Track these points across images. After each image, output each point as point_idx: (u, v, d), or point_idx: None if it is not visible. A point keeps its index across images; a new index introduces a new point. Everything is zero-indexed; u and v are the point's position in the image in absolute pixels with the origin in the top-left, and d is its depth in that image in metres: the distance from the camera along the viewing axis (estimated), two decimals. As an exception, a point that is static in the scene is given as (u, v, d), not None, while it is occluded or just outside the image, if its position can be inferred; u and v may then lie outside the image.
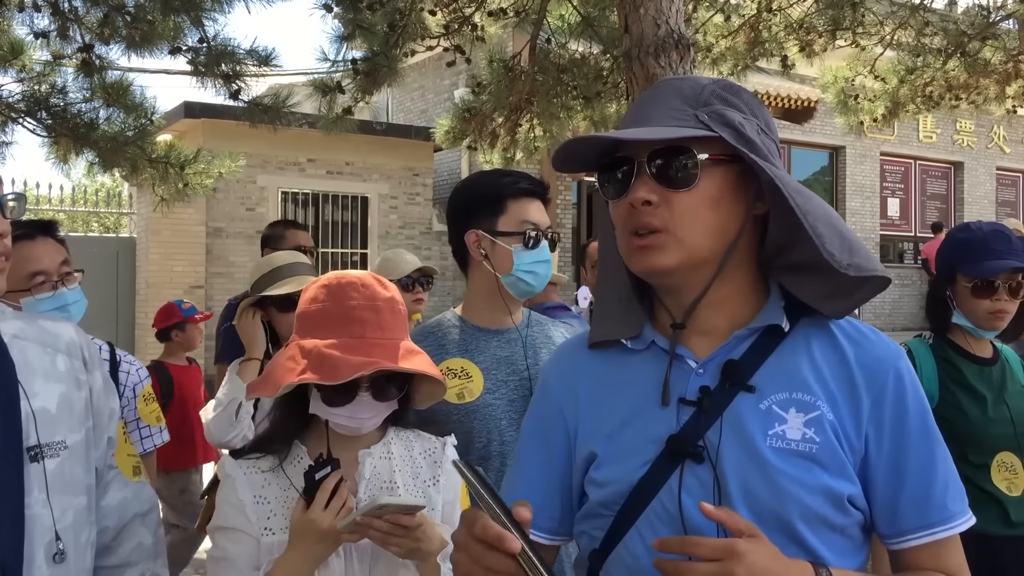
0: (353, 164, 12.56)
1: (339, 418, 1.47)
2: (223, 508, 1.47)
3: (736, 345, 1.15)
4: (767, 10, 7.17)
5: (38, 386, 1.31)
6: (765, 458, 1.08)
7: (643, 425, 1.15)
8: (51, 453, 1.30)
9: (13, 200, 1.28)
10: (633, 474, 1.13)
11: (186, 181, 5.76)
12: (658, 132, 1.10)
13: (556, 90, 5.99)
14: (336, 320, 1.46)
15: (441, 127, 6.52)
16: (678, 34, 3.45)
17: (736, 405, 1.12)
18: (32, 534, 1.25)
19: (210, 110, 10.53)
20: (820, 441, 1.08)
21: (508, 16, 5.95)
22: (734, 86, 1.18)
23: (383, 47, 5.25)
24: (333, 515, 1.39)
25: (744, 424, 1.10)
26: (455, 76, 12.96)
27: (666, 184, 1.11)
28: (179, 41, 4.51)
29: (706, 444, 1.10)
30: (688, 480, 1.10)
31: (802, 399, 1.11)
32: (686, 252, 1.11)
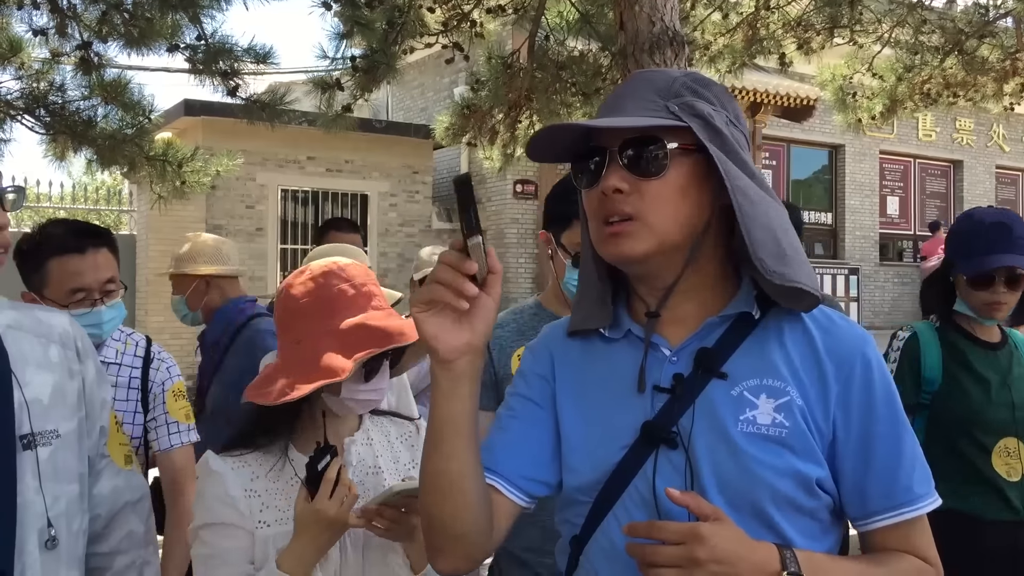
0: (353, 162, 12.58)
1: (364, 394, 1.50)
2: (211, 504, 1.47)
3: (708, 333, 1.18)
4: (765, 8, 7.18)
5: (31, 375, 1.33)
6: (736, 443, 1.11)
7: (619, 412, 1.18)
8: (43, 442, 1.31)
9: (12, 193, 1.30)
10: (610, 459, 1.16)
11: (183, 179, 5.78)
12: (629, 121, 1.13)
13: (555, 87, 6.00)
14: (353, 299, 1.50)
15: (441, 124, 6.54)
16: (673, 31, 3.47)
17: (709, 392, 1.14)
18: (24, 521, 1.27)
19: (210, 108, 10.55)
20: (789, 426, 1.11)
21: (507, 13, 5.97)
22: (704, 79, 1.21)
23: (382, 44, 5.27)
24: (339, 503, 1.40)
25: (716, 410, 1.13)
26: (454, 74, 12.97)
27: (637, 173, 1.13)
28: (177, 39, 4.53)
29: (679, 430, 1.13)
30: (662, 465, 1.13)
31: (772, 385, 1.13)
32: (656, 239, 1.13)
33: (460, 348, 1.05)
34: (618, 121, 1.14)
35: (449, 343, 1.05)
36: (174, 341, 11.17)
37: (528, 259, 13.86)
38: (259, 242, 12.07)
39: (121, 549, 1.53)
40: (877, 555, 1.16)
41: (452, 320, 1.05)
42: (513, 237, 13.80)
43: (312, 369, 1.44)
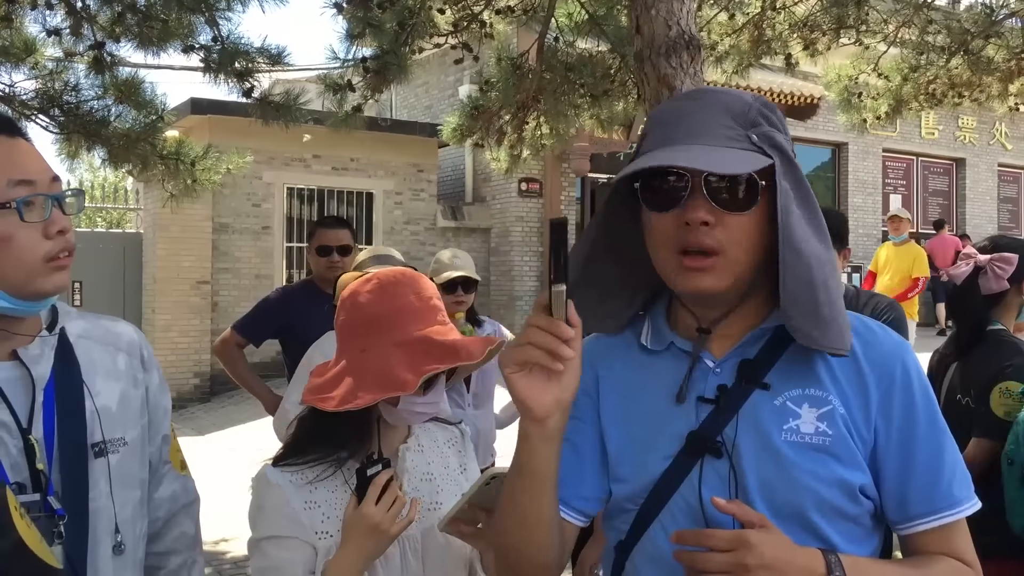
0: (358, 160, 12.61)
1: (421, 406, 1.51)
2: (272, 518, 1.46)
3: (751, 345, 1.20)
4: (771, 8, 7.20)
5: (100, 384, 1.38)
6: (781, 452, 1.13)
7: (663, 422, 1.20)
8: (113, 449, 1.37)
9: (71, 196, 1.33)
10: (655, 468, 1.19)
11: (195, 178, 5.81)
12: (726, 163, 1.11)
13: (563, 88, 6.01)
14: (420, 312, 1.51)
15: (448, 124, 6.54)
16: (689, 35, 3.49)
17: (752, 402, 1.17)
18: (96, 527, 1.32)
19: (217, 106, 10.58)
20: (832, 434, 1.13)
21: (516, 14, 5.98)
22: (771, 104, 1.21)
23: (393, 45, 5.29)
24: (385, 510, 1.41)
25: (760, 420, 1.16)
26: (459, 72, 12.99)
27: (723, 205, 1.12)
28: (192, 39, 4.55)
29: (724, 440, 1.16)
30: (707, 474, 1.16)
31: (814, 395, 1.16)
32: (735, 274, 1.15)
33: (552, 406, 1.07)
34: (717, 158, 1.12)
35: (542, 402, 1.07)
36: (181, 339, 11.21)
37: (533, 257, 13.88)
38: (265, 240, 12.10)
39: (175, 549, 1.57)
40: (918, 558, 1.18)
41: (543, 379, 1.07)
42: (518, 235, 13.83)
43: (377, 379, 1.44)
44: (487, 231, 14.19)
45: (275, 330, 3.92)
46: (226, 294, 11.68)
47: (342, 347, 1.55)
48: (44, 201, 1.27)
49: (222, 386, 11.48)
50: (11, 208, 1.24)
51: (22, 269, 1.26)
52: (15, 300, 1.27)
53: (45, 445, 1.29)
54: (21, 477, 1.26)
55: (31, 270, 1.26)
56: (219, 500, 4.81)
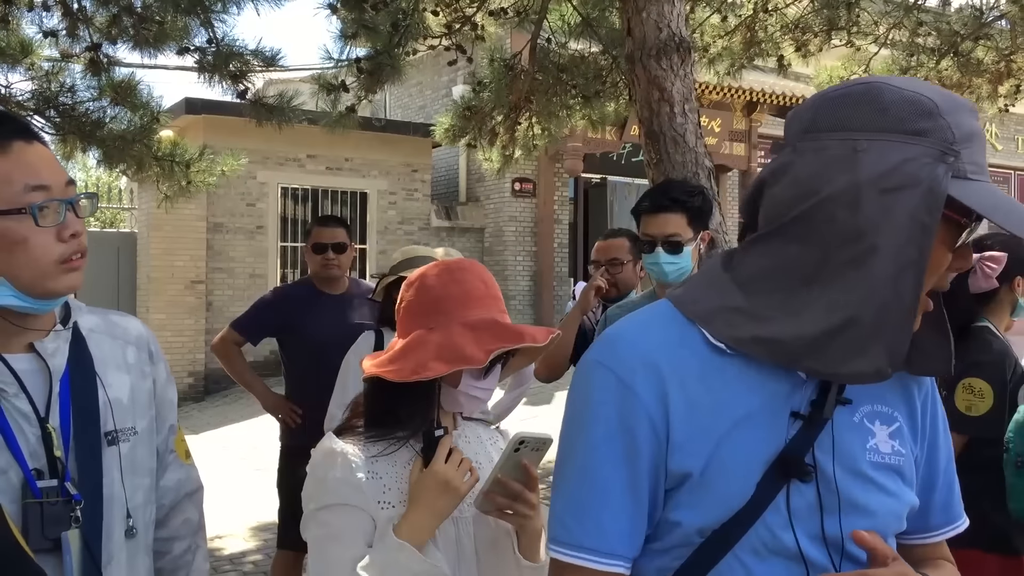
0: (352, 160, 12.65)
1: (477, 391, 1.54)
2: (334, 486, 1.46)
3: None
4: (763, 10, 7.26)
5: (112, 377, 1.44)
6: (868, 474, 1.04)
7: (749, 440, 1.03)
8: (124, 438, 1.43)
9: (85, 199, 1.38)
10: (740, 495, 1.02)
11: (190, 179, 5.85)
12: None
13: (555, 89, 6.07)
14: (485, 298, 1.55)
15: (441, 125, 6.60)
16: (679, 37, 3.55)
17: (838, 419, 1.05)
18: (110, 511, 1.39)
19: (211, 106, 10.62)
20: (904, 453, 1.07)
21: (508, 16, 6.04)
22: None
23: (386, 46, 5.34)
24: (455, 467, 1.43)
25: (844, 439, 1.05)
26: (453, 72, 13.03)
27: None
28: (187, 41, 4.60)
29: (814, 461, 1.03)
30: (795, 502, 1.02)
31: (882, 411, 1.08)
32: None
33: None
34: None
35: None
36: (175, 339, 11.24)
37: (526, 257, 13.95)
38: (259, 240, 12.14)
39: (179, 535, 1.62)
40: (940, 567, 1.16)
41: None
42: (511, 235, 13.89)
43: (447, 353, 1.47)
44: (481, 231, 14.24)
45: (273, 329, 3.97)
46: (220, 293, 11.71)
47: (406, 327, 1.58)
48: (59, 206, 1.32)
49: (216, 385, 11.52)
50: (26, 213, 1.28)
51: (37, 270, 1.30)
52: (30, 299, 1.32)
53: (61, 434, 1.34)
54: (39, 464, 1.31)
55: (45, 271, 1.31)
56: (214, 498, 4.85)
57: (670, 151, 3.51)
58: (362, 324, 3.92)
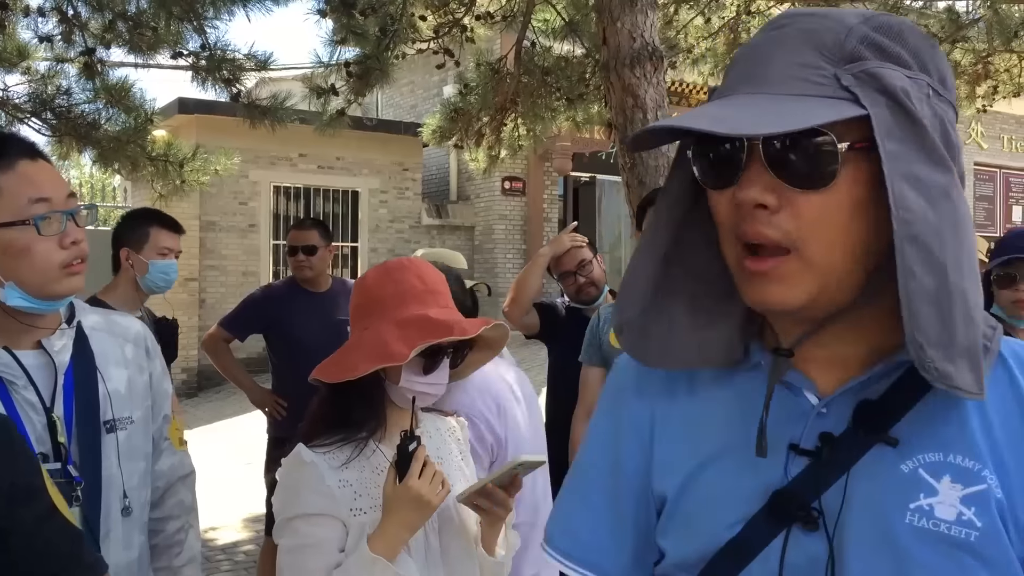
0: (344, 159, 12.78)
1: (422, 386, 1.57)
2: (307, 496, 1.49)
3: (876, 380, 0.84)
4: (746, 12, 7.42)
5: (111, 371, 1.61)
6: (900, 541, 0.79)
7: (737, 469, 0.88)
8: (121, 426, 1.60)
9: (85, 210, 1.54)
10: (721, 534, 0.87)
11: (183, 178, 5.99)
12: (774, 120, 0.75)
13: (540, 91, 6.22)
14: (422, 294, 1.58)
15: (429, 127, 6.74)
16: (652, 47, 3.70)
17: (869, 462, 0.82)
18: (109, 492, 1.56)
19: (204, 106, 10.73)
20: (982, 526, 0.78)
21: (495, 20, 6.18)
22: (895, 26, 0.80)
23: (375, 50, 5.48)
24: (427, 483, 1.45)
25: (878, 489, 0.81)
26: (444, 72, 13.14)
27: (789, 180, 0.77)
28: (181, 46, 4.73)
29: (822, 508, 0.82)
30: (793, 553, 0.83)
31: (962, 465, 0.80)
32: (818, 281, 0.79)
33: None
34: (758, 116, 0.76)
35: None
36: (168, 335, 11.34)
37: (516, 254, 14.09)
38: (252, 238, 12.27)
39: (173, 515, 1.79)
40: None
41: None
42: (501, 233, 14.03)
43: (374, 351, 1.50)
44: (471, 229, 14.39)
45: (260, 326, 4.12)
46: (213, 291, 11.84)
47: (351, 328, 1.63)
48: (60, 216, 1.48)
49: (208, 381, 11.64)
50: (30, 224, 1.44)
51: (40, 275, 1.47)
52: (35, 300, 1.48)
53: (65, 422, 1.51)
54: (45, 448, 1.48)
55: (48, 276, 1.47)
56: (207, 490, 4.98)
57: (643, 156, 3.67)
58: (345, 321, 4.07)
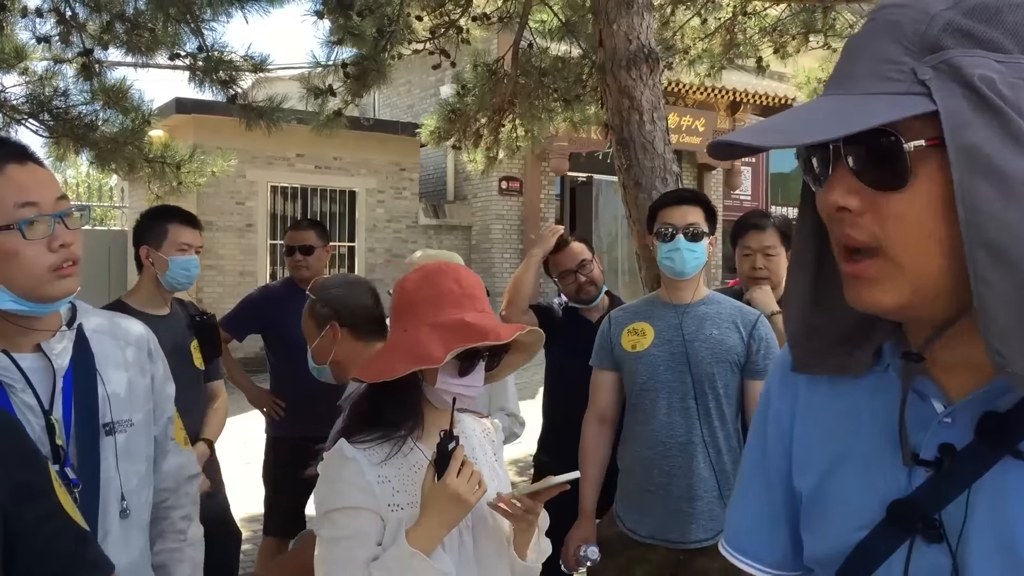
0: (341, 159, 12.79)
1: (458, 388, 1.62)
2: (345, 489, 1.54)
3: (1007, 389, 0.78)
4: (742, 13, 7.44)
5: (111, 373, 1.62)
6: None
7: (865, 473, 0.88)
8: (121, 429, 1.61)
9: (76, 212, 1.54)
10: (848, 536, 0.87)
11: (181, 180, 6.00)
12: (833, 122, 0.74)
13: (538, 92, 6.23)
14: (459, 298, 1.62)
15: (427, 127, 6.75)
16: (648, 48, 3.72)
17: (998, 475, 0.79)
18: (107, 494, 1.57)
19: (201, 106, 10.74)
20: None
21: (491, 21, 6.20)
22: (990, 7, 0.74)
23: (372, 51, 5.49)
24: (465, 481, 1.51)
25: (1006, 505, 0.78)
26: (441, 72, 13.16)
27: (869, 182, 0.76)
28: (178, 47, 4.74)
29: (945, 522, 0.81)
30: (917, 564, 0.82)
31: None
32: (911, 283, 0.77)
33: None
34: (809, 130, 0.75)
35: None
36: (166, 335, 11.35)
37: (513, 254, 14.11)
38: (249, 238, 12.27)
39: (180, 504, 1.83)
40: None
41: None
42: (498, 233, 14.05)
43: (411, 353, 1.56)
44: (468, 229, 14.40)
45: (258, 326, 4.13)
46: (210, 291, 11.84)
47: (391, 329, 1.69)
48: (48, 220, 1.48)
49: (206, 382, 11.64)
50: (15, 228, 1.44)
51: (30, 278, 1.47)
52: (28, 303, 1.49)
53: (64, 424, 1.52)
54: (43, 451, 1.47)
55: (38, 279, 1.47)
56: (205, 490, 4.99)
57: (639, 157, 3.68)
58: (343, 322, 4.10)
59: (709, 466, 2.54)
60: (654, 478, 2.54)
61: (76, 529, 1.17)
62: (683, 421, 2.55)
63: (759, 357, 2.59)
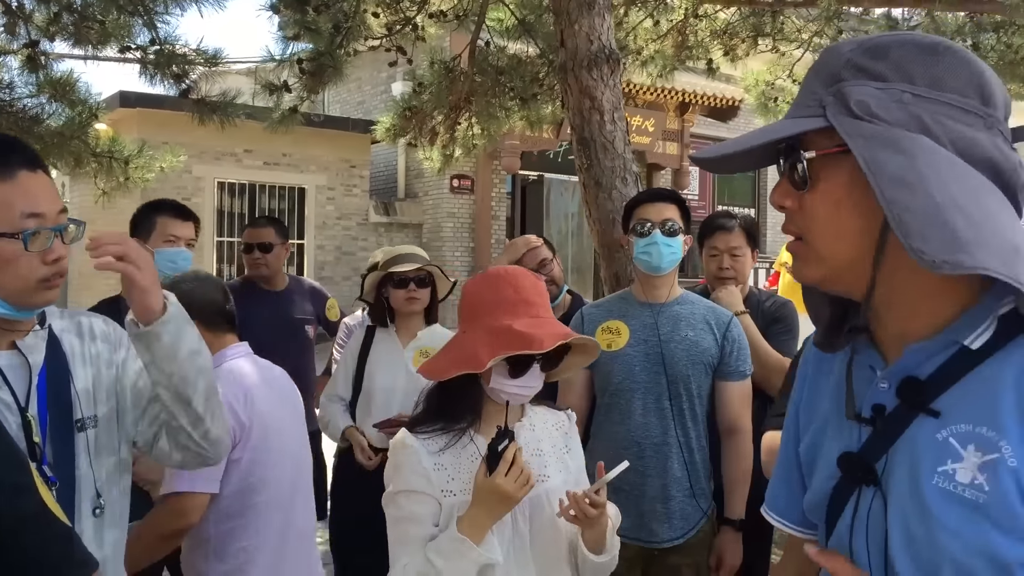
0: (290, 155, 12.64)
1: (514, 388, 1.73)
2: (407, 475, 1.70)
3: (928, 357, 0.97)
4: (694, 15, 7.54)
5: (79, 370, 1.61)
6: (925, 499, 0.94)
7: (834, 432, 1.08)
8: (90, 424, 1.60)
9: (73, 227, 1.53)
10: (825, 485, 1.07)
11: (128, 175, 5.87)
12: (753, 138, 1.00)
13: (494, 91, 6.23)
14: (514, 304, 1.72)
15: (382, 125, 6.70)
16: (609, 49, 3.75)
17: (913, 430, 0.97)
18: (81, 492, 1.55)
19: (146, 100, 10.53)
20: (989, 490, 0.89)
21: (448, 19, 6.18)
22: (882, 46, 0.96)
23: (328, 47, 5.44)
24: (513, 481, 1.61)
25: (916, 454, 0.96)
26: (392, 69, 13.10)
27: (793, 185, 1.01)
28: (129, 40, 4.63)
29: (880, 469, 1.00)
30: (862, 505, 1.02)
31: (986, 435, 0.91)
32: (824, 262, 1.00)
33: None
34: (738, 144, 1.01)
35: None
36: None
37: (464, 252, 14.10)
38: (195, 235, 12.06)
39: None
40: None
41: None
42: (449, 231, 14.03)
43: (460, 358, 1.69)
44: (419, 227, 14.35)
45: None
46: (156, 289, 11.61)
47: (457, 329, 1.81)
48: (49, 233, 1.48)
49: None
50: (19, 238, 1.44)
51: (21, 287, 1.47)
52: (12, 308, 1.49)
53: (39, 422, 1.50)
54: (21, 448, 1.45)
55: (27, 288, 1.47)
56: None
57: (600, 157, 3.71)
58: (302, 319, 4.05)
59: (683, 466, 2.56)
60: (628, 478, 2.53)
61: (61, 527, 1.16)
62: (659, 422, 2.56)
63: (731, 359, 2.62)
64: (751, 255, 3.10)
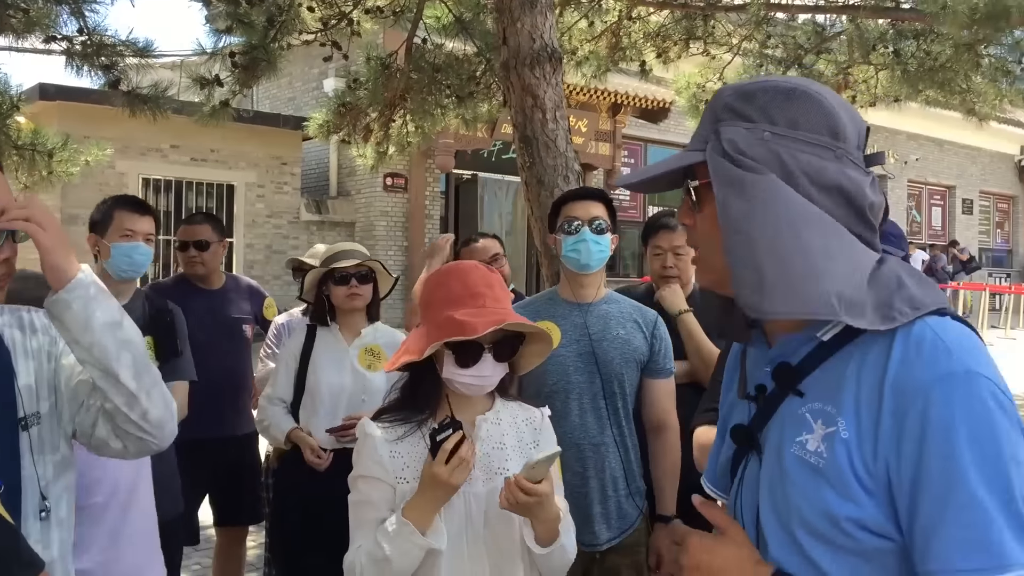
0: (218, 151, 12.36)
1: (465, 378, 1.77)
2: (364, 461, 1.78)
3: (798, 347, 1.17)
4: (628, 18, 7.63)
5: (21, 366, 1.54)
6: (784, 463, 1.12)
7: (737, 407, 1.30)
8: (33, 422, 1.53)
9: None
10: (727, 453, 1.29)
11: (51, 169, 5.67)
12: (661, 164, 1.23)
13: (430, 88, 6.20)
14: (460, 296, 1.77)
15: (315, 121, 6.60)
16: (551, 48, 3.77)
17: (784, 407, 1.17)
18: (25, 494, 1.48)
19: (67, 92, 10.19)
20: (827, 458, 1.07)
21: (384, 15, 6.13)
22: (750, 92, 1.15)
23: (261, 41, 5.34)
24: (451, 470, 1.66)
25: (784, 426, 1.15)
26: (324, 66, 12.93)
27: (690, 207, 1.21)
28: (55, 30, 4.48)
29: (760, 439, 1.20)
30: (749, 471, 1.22)
31: (828, 412, 1.10)
32: (713, 272, 1.21)
33: None
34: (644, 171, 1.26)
35: None
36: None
37: (398, 251, 14.00)
38: (119, 232, 11.71)
39: None
40: None
41: None
42: (383, 230, 13.91)
43: (406, 349, 1.77)
44: (351, 225, 14.20)
45: (151, 325, 3.95)
46: (77, 288, 11.24)
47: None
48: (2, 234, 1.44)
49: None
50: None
51: None
52: None
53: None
54: None
55: None
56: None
57: (542, 155, 3.73)
58: (240, 319, 3.96)
59: (620, 465, 2.56)
60: (569, 480, 2.46)
61: (5, 524, 1.11)
62: (596, 422, 2.55)
63: (660, 357, 2.64)
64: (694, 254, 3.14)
